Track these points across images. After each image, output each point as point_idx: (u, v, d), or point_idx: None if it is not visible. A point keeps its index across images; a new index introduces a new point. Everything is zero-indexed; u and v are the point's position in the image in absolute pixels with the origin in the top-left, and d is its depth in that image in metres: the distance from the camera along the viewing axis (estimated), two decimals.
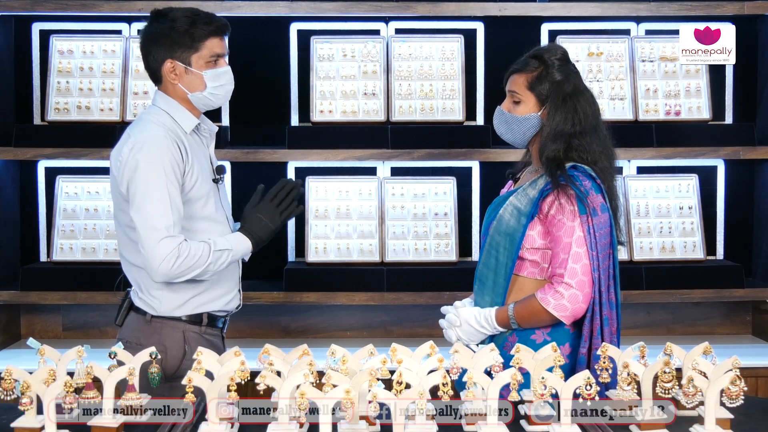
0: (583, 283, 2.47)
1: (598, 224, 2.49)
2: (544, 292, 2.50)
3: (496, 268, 2.60)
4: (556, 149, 2.53)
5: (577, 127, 2.54)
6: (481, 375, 2.08)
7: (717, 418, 2.04)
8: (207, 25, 2.63)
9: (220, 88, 2.69)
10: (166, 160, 2.55)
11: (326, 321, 4.04)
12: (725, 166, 4.03)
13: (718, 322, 4.08)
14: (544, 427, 2.10)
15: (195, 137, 2.71)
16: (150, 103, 2.75)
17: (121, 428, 2.10)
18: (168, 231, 2.51)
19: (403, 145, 3.77)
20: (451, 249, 3.88)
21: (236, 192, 3.94)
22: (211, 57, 2.65)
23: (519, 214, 2.56)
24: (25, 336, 3.97)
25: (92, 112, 3.86)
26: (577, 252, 2.47)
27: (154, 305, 2.65)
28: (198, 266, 2.55)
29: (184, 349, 2.65)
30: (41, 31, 3.98)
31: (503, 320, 2.54)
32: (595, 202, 2.50)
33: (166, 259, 2.50)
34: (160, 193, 2.52)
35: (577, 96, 2.57)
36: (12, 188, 3.97)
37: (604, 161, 2.57)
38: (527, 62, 2.60)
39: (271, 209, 2.72)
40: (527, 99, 2.59)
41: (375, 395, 1.91)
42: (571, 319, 2.50)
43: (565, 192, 2.50)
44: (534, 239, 2.55)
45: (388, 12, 3.83)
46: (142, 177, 2.53)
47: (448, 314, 2.62)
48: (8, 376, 2.07)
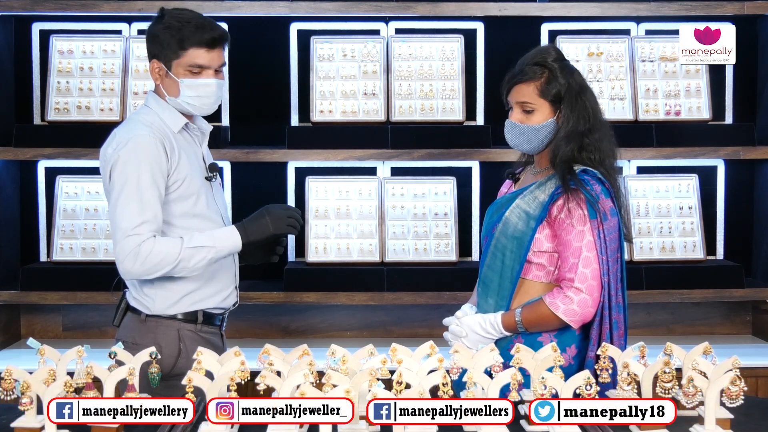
0: (592, 287, 2.47)
1: (608, 228, 2.48)
2: (553, 297, 2.49)
3: (501, 271, 2.58)
4: (571, 150, 2.52)
5: (588, 124, 2.54)
6: (481, 375, 2.08)
7: (717, 418, 2.04)
8: (195, 34, 2.59)
9: (196, 99, 2.65)
10: (145, 160, 2.55)
11: (326, 321, 4.04)
12: (725, 166, 4.03)
13: (718, 322, 4.08)
14: (544, 427, 2.10)
15: (185, 135, 2.70)
16: (143, 103, 2.75)
17: (121, 428, 2.10)
18: (133, 230, 2.51)
19: (403, 145, 3.77)
20: (451, 249, 3.88)
21: (236, 192, 3.95)
22: (191, 66, 2.61)
23: (528, 218, 2.54)
24: (25, 336, 3.97)
25: (92, 112, 3.86)
26: (587, 256, 2.47)
27: (148, 304, 2.66)
28: (166, 264, 2.53)
29: (179, 347, 2.65)
30: (41, 31, 3.98)
31: (510, 325, 2.52)
32: (605, 207, 2.49)
33: (127, 258, 2.51)
34: (132, 192, 2.53)
35: (584, 92, 2.57)
36: (12, 188, 3.97)
37: (611, 159, 2.57)
38: (532, 71, 2.56)
39: (281, 214, 2.68)
40: (541, 106, 2.55)
41: (375, 395, 1.91)
42: (580, 323, 2.50)
43: (575, 196, 2.48)
44: (542, 242, 2.53)
45: (388, 12, 3.83)
46: (119, 176, 2.55)
47: (451, 326, 2.60)
48: (8, 376, 2.07)
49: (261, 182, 4.00)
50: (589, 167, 2.54)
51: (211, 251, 2.59)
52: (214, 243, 2.60)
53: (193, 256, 2.56)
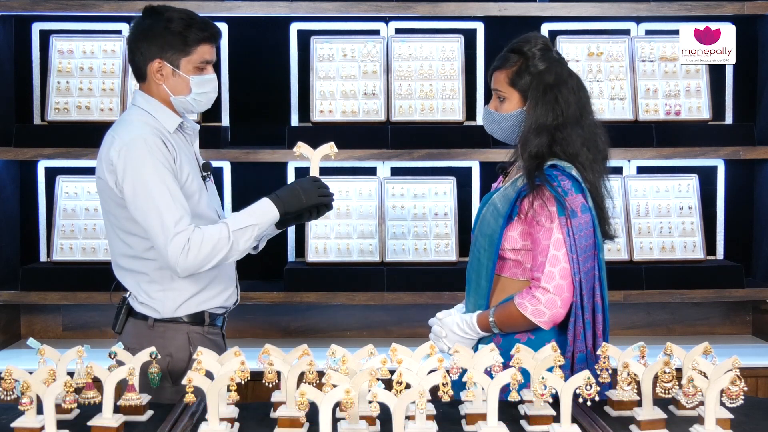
0: (561, 287, 2.41)
1: (577, 226, 2.42)
2: (522, 297, 2.44)
3: (478, 269, 2.55)
4: (540, 144, 2.46)
5: (559, 119, 2.47)
6: (481, 375, 2.08)
7: (717, 418, 2.04)
8: (202, 30, 2.60)
9: (204, 95, 2.66)
10: (157, 158, 2.52)
11: (326, 321, 4.04)
12: (725, 166, 4.03)
13: (718, 322, 4.08)
14: (544, 427, 2.10)
15: (180, 135, 2.68)
16: (131, 103, 2.71)
17: (121, 428, 2.10)
18: (176, 227, 2.47)
19: (403, 145, 3.77)
20: (451, 249, 3.88)
21: (236, 192, 3.95)
22: (201, 63, 2.62)
23: (497, 215, 2.51)
24: (25, 336, 3.97)
25: (92, 112, 3.86)
26: (555, 255, 2.41)
27: (157, 307, 2.62)
28: (219, 250, 2.50)
29: (190, 351, 2.62)
30: (41, 31, 3.98)
31: (485, 325, 2.50)
32: (574, 203, 2.43)
33: (180, 256, 2.46)
34: (160, 191, 2.49)
35: (559, 86, 2.49)
36: (12, 188, 3.97)
37: (585, 154, 2.49)
38: (507, 57, 2.55)
39: (312, 186, 2.65)
40: (511, 95, 2.54)
41: (375, 395, 1.91)
42: (550, 324, 2.44)
43: (541, 193, 2.43)
44: (515, 240, 2.49)
45: (388, 12, 3.82)
46: (137, 178, 2.50)
47: (434, 326, 2.59)
48: (8, 376, 2.07)
49: (261, 182, 3.98)
50: (562, 161, 2.48)
51: (255, 229, 2.55)
52: (257, 220, 2.56)
53: (241, 237, 2.53)
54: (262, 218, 2.58)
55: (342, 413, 2.09)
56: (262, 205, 2.60)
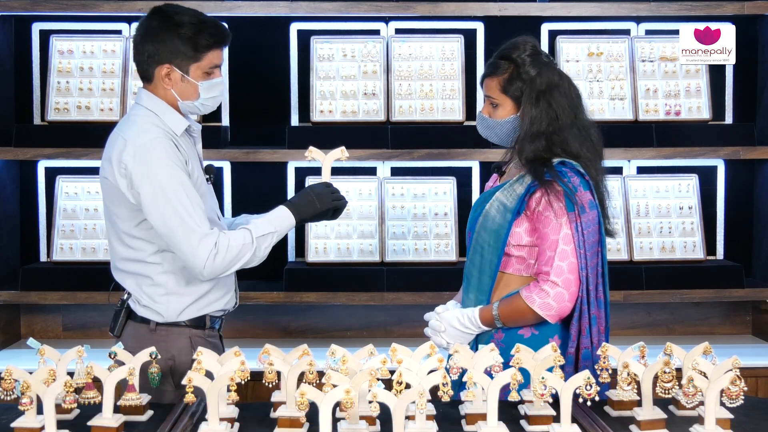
0: (569, 281, 2.43)
1: (586, 222, 2.45)
2: (529, 290, 2.46)
3: (480, 265, 2.56)
4: (535, 149, 2.48)
5: (554, 123, 2.49)
6: (481, 375, 2.08)
7: (717, 418, 2.04)
8: (212, 36, 2.55)
9: (212, 99, 2.63)
10: (173, 161, 2.49)
11: (326, 321, 4.04)
12: (725, 166, 4.03)
13: (718, 322, 4.08)
14: (544, 427, 2.10)
15: (186, 137, 2.65)
16: (134, 102, 2.66)
17: (121, 428, 2.10)
18: (201, 229, 2.47)
19: (403, 145, 3.77)
20: (451, 249, 3.88)
21: (236, 192, 3.95)
22: (210, 68, 2.59)
23: (505, 211, 2.51)
24: (25, 336, 3.97)
25: (92, 112, 3.86)
26: (564, 249, 2.43)
27: (160, 311, 2.60)
28: (242, 256, 2.51)
29: (192, 354, 2.60)
30: (41, 31, 3.98)
31: (487, 319, 2.50)
32: (583, 199, 2.46)
33: (209, 260, 2.46)
34: (180, 195, 2.47)
35: (551, 91, 2.50)
36: (12, 188, 3.97)
37: (585, 153, 2.51)
38: (497, 64, 2.56)
39: (325, 191, 2.68)
40: (503, 102, 2.55)
41: (375, 395, 1.91)
42: (557, 318, 2.46)
43: (552, 188, 2.45)
44: (521, 236, 2.51)
45: (388, 12, 3.82)
46: (157, 183, 2.46)
47: (431, 321, 2.59)
48: (8, 376, 2.07)
49: (261, 182, 4.00)
50: (569, 159, 2.50)
51: (274, 236, 2.58)
52: (276, 228, 2.58)
53: (262, 243, 2.55)
54: (280, 225, 2.60)
55: (342, 413, 2.09)
56: (280, 214, 2.62)
